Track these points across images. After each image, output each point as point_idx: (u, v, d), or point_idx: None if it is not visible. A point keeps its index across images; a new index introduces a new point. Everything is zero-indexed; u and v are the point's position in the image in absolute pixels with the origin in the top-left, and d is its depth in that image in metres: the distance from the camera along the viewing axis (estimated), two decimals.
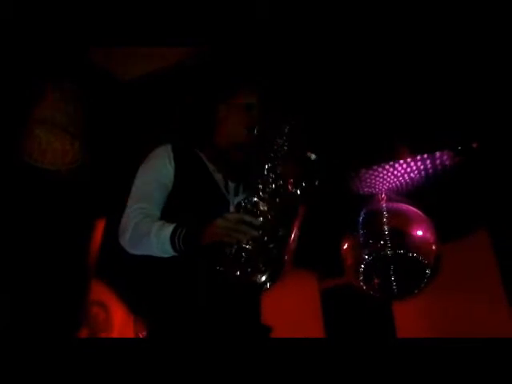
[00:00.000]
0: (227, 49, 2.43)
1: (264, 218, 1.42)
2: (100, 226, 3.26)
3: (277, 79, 2.50)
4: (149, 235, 1.49)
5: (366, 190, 3.29)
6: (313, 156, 1.48)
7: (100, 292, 3.56)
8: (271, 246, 1.42)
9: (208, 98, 1.87)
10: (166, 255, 1.50)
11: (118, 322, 3.68)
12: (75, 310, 3.07)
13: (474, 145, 2.90)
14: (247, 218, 1.41)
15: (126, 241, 1.56)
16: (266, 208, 1.44)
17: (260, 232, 1.40)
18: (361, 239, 3.11)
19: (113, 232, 1.68)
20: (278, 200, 1.46)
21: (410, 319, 3.64)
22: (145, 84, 2.61)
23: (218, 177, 1.70)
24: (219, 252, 1.42)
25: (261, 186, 1.47)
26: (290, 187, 1.47)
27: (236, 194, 1.70)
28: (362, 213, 3.19)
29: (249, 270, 1.40)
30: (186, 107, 2.40)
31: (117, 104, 2.67)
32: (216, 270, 1.41)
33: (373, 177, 3.19)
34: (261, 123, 1.71)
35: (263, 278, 1.40)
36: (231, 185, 1.71)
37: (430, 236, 3.06)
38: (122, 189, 1.76)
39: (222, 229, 1.40)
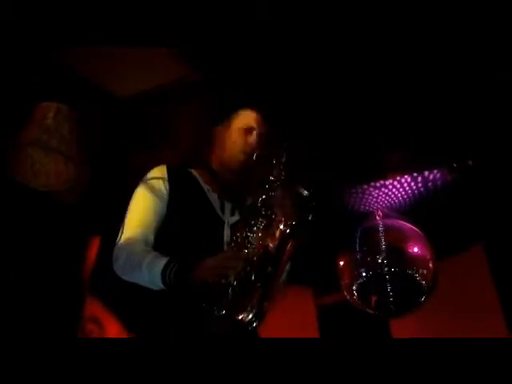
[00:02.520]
0: (226, 61, 2.43)
1: (253, 254, 1.42)
2: (95, 244, 3.25)
3: (274, 97, 2.51)
4: (140, 267, 1.49)
5: (362, 207, 3.29)
6: (305, 192, 1.48)
7: (94, 308, 3.52)
8: (258, 284, 1.41)
9: (206, 119, 1.88)
10: (155, 288, 1.50)
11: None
12: (70, 326, 3.04)
13: (470, 162, 2.91)
14: (236, 255, 1.43)
15: (118, 268, 1.57)
16: (255, 244, 1.44)
17: (248, 268, 1.40)
18: (357, 256, 3.10)
19: (107, 249, 1.68)
20: (267, 238, 1.46)
21: (407, 336, 3.62)
22: (140, 102, 2.61)
23: (213, 197, 1.70)
24: (206, 289, 1.41)
25: (253, 222, 1.48)
26: (281, 225, 1.46)
27: (232, 214, 1.69)
28: (359, 230, 3.18)
29: (235, 308, 1.39)
30: (182, 127, 2.43)
31: (111, 123, 2.67)
32: (202, 308, 1.41)
33: (368, 194, 3.19)
34: (259, 148, 1.70)
35: (249, 317, 1.39)
36: (227, 205, 1.71)
37: (426, 253, 3.05)
38: (117, 207, 1.75)
39: (210, 269, 1.41)
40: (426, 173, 3.04)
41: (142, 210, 1.63)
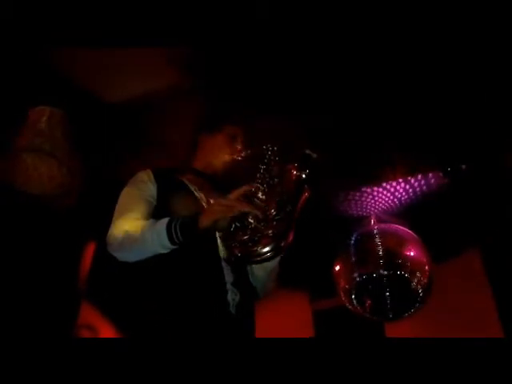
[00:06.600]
0: (224, 63, 2.44)
1: (268, 199, 1.44)
2: (90, 249, 3.23)
3: (272, 97, 2.52)
4: (142, 233, 1.48)
5: (356, 211, 3.30)
6: (314, 155, 1.49)
7: (89, 315, 3.51)
8: (278, 217, 1.42)
9: (193, 126, 1.95)
10: (162, 250, 1.47)
11: None
12: (65, 332, 3.02)
13: (463, 166, 2.92)
14: (251, 192, 1.45)
15: (116, 246, 1.54)
16: (269, 189, 1.46)
17: (265, 207, 1.42)
18: (353, 261, 3.10)
19: (103, 255, 1.68)
20: (282, 181, 1.48)
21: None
22: (135, 107, 2.61)
23: (201, 195, 1.74)
24: (220, 225, 1.43)
25: (261, 175, 1.50)
26: (294, 171, 1.48)
27: None
28: (354, 234, 3.19)
29: (254, 239, 1.40)
30: (176, 132, 2.46)
31: (106, 128, 2.67)
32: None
33: (364, 199, 3.20)
34: (243, 151, 1.78)
35: (266, 249, 1.39)
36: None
37: (422, 256, 3.06)
38: (112, 212, 1.75)
39: (224, 205, 1.43)
40: (421, 177, 3.05)
41: (131, 202, 1.65)
